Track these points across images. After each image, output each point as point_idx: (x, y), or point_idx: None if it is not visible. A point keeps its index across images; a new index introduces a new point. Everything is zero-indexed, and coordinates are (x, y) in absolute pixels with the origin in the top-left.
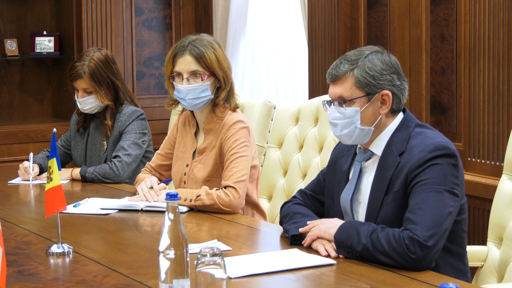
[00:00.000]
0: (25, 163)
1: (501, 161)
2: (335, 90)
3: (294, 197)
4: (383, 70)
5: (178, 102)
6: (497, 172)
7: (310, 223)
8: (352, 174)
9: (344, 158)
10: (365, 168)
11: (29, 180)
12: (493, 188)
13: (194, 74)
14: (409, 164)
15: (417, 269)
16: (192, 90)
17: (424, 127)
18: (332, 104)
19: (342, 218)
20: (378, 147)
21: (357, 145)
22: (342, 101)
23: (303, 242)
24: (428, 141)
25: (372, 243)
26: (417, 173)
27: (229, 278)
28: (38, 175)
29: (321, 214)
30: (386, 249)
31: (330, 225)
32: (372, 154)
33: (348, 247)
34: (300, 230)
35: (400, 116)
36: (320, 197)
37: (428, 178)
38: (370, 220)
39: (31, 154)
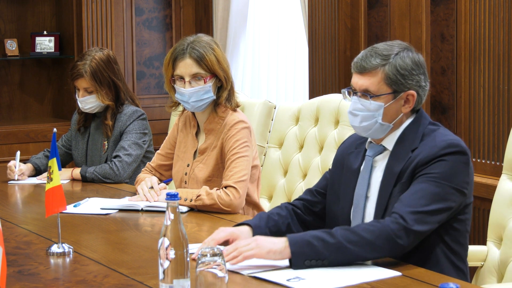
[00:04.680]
0: (11, 162)
1: (501, 161)
2: (361, 81)
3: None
4: (413, 70)
5: (179, 104)
6: (497, 172)
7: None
8: (364, 170)
9: (353, 155)
10: (375, 163)
11: (14, 180)
12: (493, 188)
13: (196, 76)
14: (418, 158)
15: (400, 254)
16: (195, 93)
17: (437, 125)
18: (354, 94)
19: (348, 215)
20: (391, 142)
21: (366, 141)
22: (368, 94)
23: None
24: (440, 138)
25: (346, 238)
26: (425, 167)
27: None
28: (34, 175)
29: (323, 211)
30: (368, 238)
31: (266, 244)
32: (384, 149)
33: (312, 257)
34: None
35: (415, 114)
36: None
37: (435, 172)
38: (378, 215)
39: (18, 153)
